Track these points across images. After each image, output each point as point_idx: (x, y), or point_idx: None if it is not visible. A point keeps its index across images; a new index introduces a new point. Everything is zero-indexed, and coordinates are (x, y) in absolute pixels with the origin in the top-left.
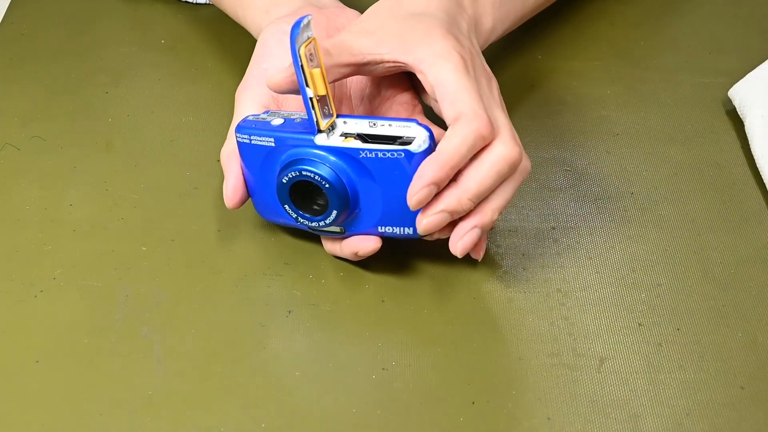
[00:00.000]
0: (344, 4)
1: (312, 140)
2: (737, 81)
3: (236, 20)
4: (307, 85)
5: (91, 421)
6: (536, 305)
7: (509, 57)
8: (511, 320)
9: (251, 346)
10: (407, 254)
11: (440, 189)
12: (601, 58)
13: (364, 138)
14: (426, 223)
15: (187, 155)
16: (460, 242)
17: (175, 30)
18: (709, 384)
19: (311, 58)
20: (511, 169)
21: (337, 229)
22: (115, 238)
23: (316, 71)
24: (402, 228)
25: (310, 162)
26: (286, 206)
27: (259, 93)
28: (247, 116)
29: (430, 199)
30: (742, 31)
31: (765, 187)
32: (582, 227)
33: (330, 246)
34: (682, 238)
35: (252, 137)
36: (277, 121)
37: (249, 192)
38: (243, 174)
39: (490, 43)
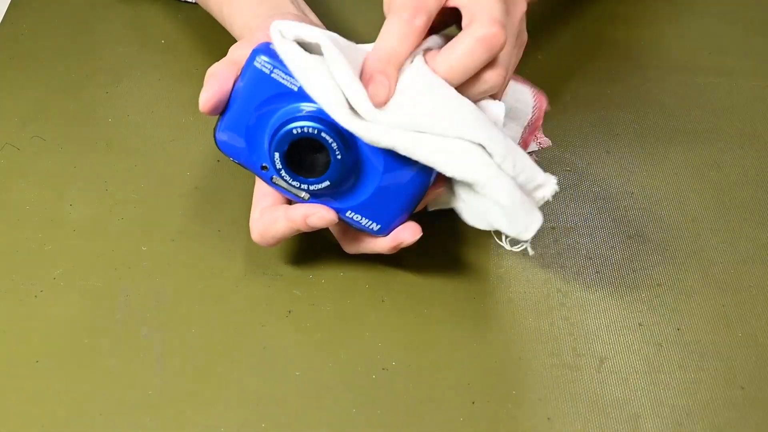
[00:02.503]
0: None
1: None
2: (737, 81)
3: (219, 19)
4: None
5: (91, 421)
6: (536, 305)
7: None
8: (511, 320)
9: (251, 346)
10: (407, 254)
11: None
12: (601, 58)
13: None
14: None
15: (187, 155)
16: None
17: (175, 30)
18: (709, 384)
19: None
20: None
21: (305, 195)
22: (115, 238)
23: None
24: (370, 222)
25: (337, 128)
26: (276, 154)
27: None
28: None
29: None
30: (742, 31)
31: (765, 186)
32: (582, 227)
33: (351, 246)
34: (682, 238)
35: (275, 70)
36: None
37: (225, 112)
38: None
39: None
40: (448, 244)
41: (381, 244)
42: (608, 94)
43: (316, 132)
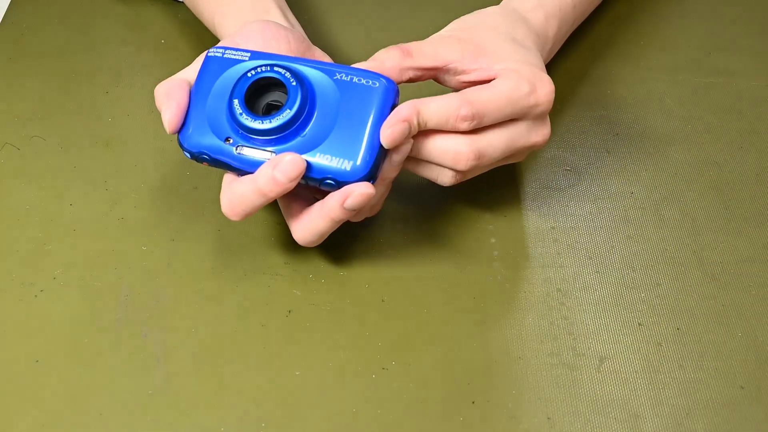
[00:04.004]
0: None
1: (288, 58)
2: (737, 81)
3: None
4: None
5: (91, 421)
6: (536, 305)
7: None
8: (511, 320)
9: (251, 346)
10: (407, 254)
11: (413, 133)
12: (601, 58)
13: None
14: (390, 132)
15: None
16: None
17: (175, 30)
18: (709, 384)
19: None
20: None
21: (270, 150)
22: (115, 238)
23: None
24: (341, 160)
25: (285, 61)
26: (235, 101)
27: None
28: None
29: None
30: (742, 31)
31: (765, 186)
32: (582, 227)
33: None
34: (682, 238)
35: (226, 51)
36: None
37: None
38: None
39: None
40: (448, 244)
41: (330, 204)
42: (608, 94)
43: (268, 68)
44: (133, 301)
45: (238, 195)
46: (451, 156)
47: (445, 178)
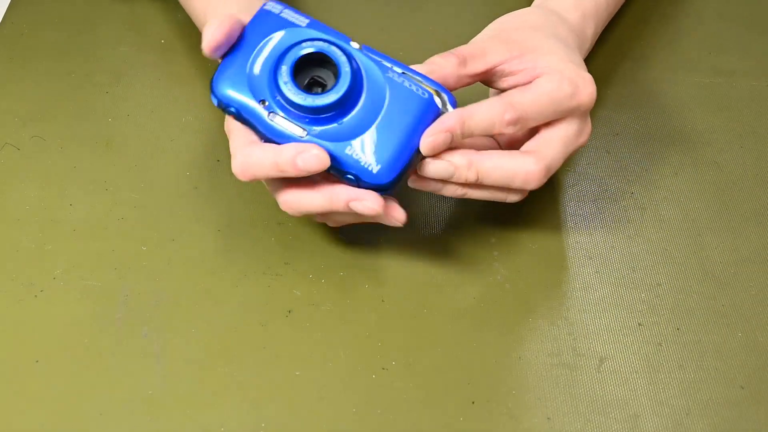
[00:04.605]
0: None
1: (347, 38)
2: (737, 81)
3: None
4: None
5: (91, 421)
6: (536, 305)
7: None
8: (511, 320)
9: (251, 346)
10: (407, 254)
11: (454, 143)
12: (601, 58)
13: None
14: (432, 140)
15: (187, 155)
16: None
17: (174, 30)
18: (709, 384)
19: None
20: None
21: (302, 132)
22: (115, 238)
23: None
24: (369, 161)
25: (344, 41)
26: (283, 68)
27: None
28: None
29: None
30: (742, 31)
31: (765, 186)
32: (582, 227)
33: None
34: (682, 238)
35: (285, 10)
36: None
37: (227, 55)
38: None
39: None
40: (448, 244)
41: (337, 195)
42: (608, 94)
43: (327, 44)
44: (133, 301)
45: (255, 159)
46: (522, 178)
47: (515, 197)
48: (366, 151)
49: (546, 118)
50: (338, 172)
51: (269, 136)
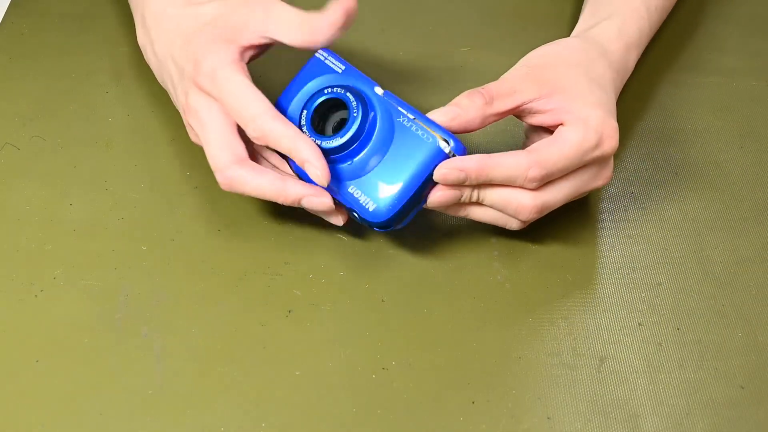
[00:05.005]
0: None
1: (373, 84)
2: (737, 81)
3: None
4: None
5: (91, 421)
6: (536, 305)
7: (510, 58)
8: (511, 320)
9: (251, 346)
10: (407, 254)
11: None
12: None
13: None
14: (444, 172)
15: (187, 155)
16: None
17: None
18: (709, 383)
19: None
20: (518, 213)
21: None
22: (115, 238)
23: None
24: (369, 199)
25: (368, 87)
26: (303, 112)
27: None
28: None
29: (454, 200)
30: (742, 31)
31: (765, 186)
32: (582, 227)
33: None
34: (682, 238)
35: (329, 57)
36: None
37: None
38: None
39: None
40: (448, 244)
41: (288, 189)
42: None
43: (342, 92)
44: (133, 301)
45: (254, 185)
46: (514, 207)
47: (513, 224)
48: (368, 190)
49: (570, 170)
50: (345, 208)
51: (291, 165)
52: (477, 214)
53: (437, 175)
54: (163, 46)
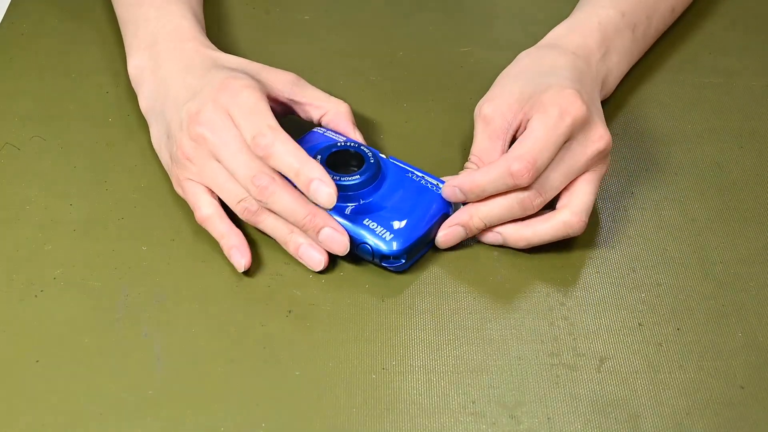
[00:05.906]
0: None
1: (378, 152)
2: (737, 81)
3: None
4: None
5: (91, 421)
6: (536, 305)
7: (510, 58)
8: (511, 320)
9: (251, 346)
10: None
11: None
12: None
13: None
14: (444, 234)
15: None
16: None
17: None
18: (709, 384)
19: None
20: (526, 211)
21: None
22: (115, 238)
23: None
24: (384, 231)
25: (370, 148)
26: (317, 157)
27: None
28: None
29: (459, 238)
30: (742, 31)
31: (765, 186)
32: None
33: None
34: (682, 238)
35: (327, 131)
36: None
37: None
38: None
39: (611, 93)
40: (445, 247)
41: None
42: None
43: (357, 145)
44: (133, 301)
45: (269, 225)
46: (515, 206)
47: (565, 227)
48: (383, 222)
49: (557, 147)
50: (355, 245)
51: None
52: (495, 238)
53: (444, 193)
54: (173, 71)
